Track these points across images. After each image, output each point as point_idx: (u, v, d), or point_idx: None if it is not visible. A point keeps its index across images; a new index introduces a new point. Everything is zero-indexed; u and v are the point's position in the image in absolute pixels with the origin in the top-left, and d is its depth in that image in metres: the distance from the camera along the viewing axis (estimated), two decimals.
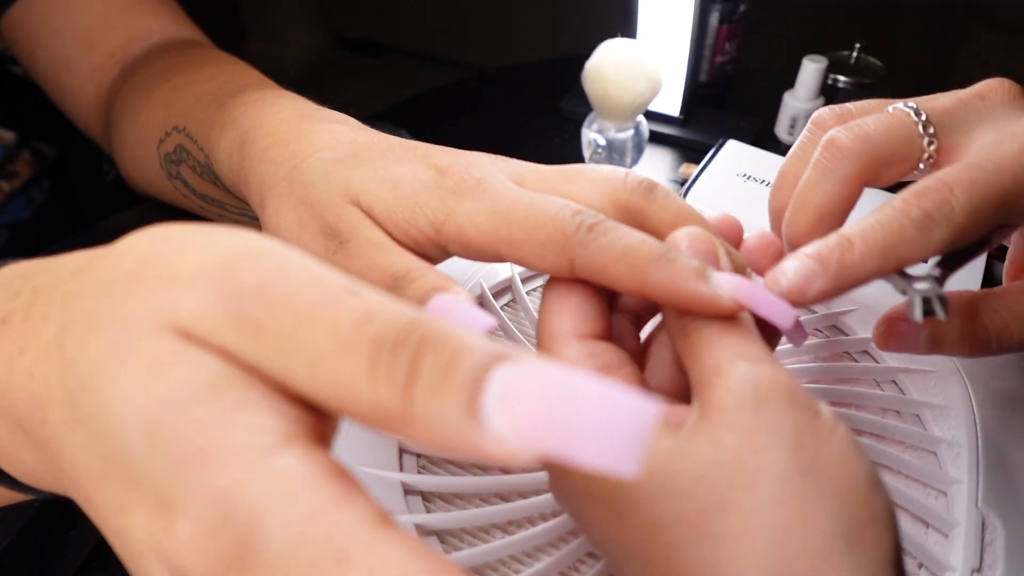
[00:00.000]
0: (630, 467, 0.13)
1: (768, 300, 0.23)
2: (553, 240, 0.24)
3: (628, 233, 0.23)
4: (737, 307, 0.22)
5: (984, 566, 0.29)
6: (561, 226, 0.24)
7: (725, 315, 0.23)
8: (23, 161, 0.63)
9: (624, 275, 0.23)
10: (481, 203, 0.26)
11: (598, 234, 0.23)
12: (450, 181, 0.27)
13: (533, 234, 0.24)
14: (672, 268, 0.22)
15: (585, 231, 0.24)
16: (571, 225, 0.24)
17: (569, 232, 0.24)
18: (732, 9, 0.64)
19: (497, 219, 0.25)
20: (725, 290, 0.22)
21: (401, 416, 0.14)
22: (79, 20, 0.52)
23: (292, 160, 0.30)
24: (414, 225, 0.27)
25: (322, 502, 0.13)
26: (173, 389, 0.14)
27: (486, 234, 0.25)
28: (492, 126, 0.67)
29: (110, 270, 0.16)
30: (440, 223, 0.26)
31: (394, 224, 0.27)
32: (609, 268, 0.23)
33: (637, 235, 0.23)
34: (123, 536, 0.15)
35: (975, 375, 0.36)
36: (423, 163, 0.28)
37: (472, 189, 0.26)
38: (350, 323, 0.15)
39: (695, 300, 0.22)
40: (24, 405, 0.17)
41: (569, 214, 0.24)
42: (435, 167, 0.28)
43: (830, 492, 0.20)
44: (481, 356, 0.14)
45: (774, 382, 0.21)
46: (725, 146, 0.54)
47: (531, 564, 0.30)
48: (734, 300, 0.22)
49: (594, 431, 0.13)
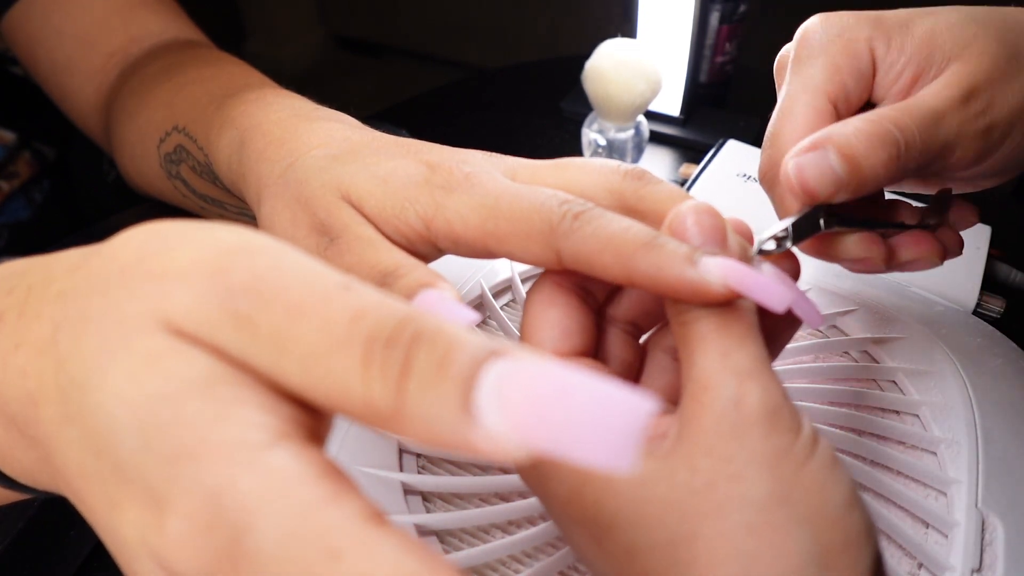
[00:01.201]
0: (624, 463, 0.13)
1: (762, 285, 0.21)
2: (539, 231, 0.23)
3: (614, 220, 0.23)
4: (728, 292, 0.21)
5: (984, 566, 0.29)
6: (547, 216, 0.23)
7: (716, 301, 0.22)
8: (23, 161, 0.63)
9: (611, 263, 0.22)
10: (469, 197, 0.26)
11: (583, 222, 0.23)
12: (439, 177, 0.27)
13: (520, 226, 0.24)
14: (659, 254, 0.22)
15: (571, 220, 0.23)
16: (557, 215, 0.23)
17: (555, 222, 0.23)
18: (732, 9, 0.64)
19: (485, 213, 0.25)
20: (715, 275, 0.21)
21: (394, 412, 0.14)
22: (79, 21, 0.52)
23: (288, 158, 0.30)
24: (404, 221, 0.27)
25: (315, 500, 0.13)
26: (165, 386, 0.14)
27: (474, 228, 0.25)
28: (492, 126, 0.67)
29: (104, 267, 0.16)
30: (429, 219, 0.26)
31: (384, 220, 0.27)
32: (595, 257, 0.22)
33: (624, 221, 0.23)
34: (116, 534, 0.15)
35: (975, 375, 0.36)
36: (415, 159, 0.28)
37: (461, 184, 0.26)
38: (343, 319, 0.14)
39: (684, 286, 0.21)
40: (18, 402, 0.17)
41: (556, 204, 0.24)
42: (426, 163, 0.27)
43: (805, 517, 0.19)
44: (475, 352, 0.14)
45: (759, 403, 0.21)
46: (725, 146, 0.54)
47: (531, 564, 0.29)
48: (724, 285, 0.21)
49: (588, 427, 0.13)
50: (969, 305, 0.44)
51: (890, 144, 0.27)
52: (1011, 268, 0.48)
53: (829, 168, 0.27)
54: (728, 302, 0.22)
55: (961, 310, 0.43)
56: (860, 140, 0.27)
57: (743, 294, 0.21)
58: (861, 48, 0.30)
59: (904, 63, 0.30)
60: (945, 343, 0.38)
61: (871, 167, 0.27)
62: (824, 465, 0.20)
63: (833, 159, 0.27)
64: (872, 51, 0.30)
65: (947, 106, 0.28)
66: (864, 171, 0.27)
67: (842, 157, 0.27)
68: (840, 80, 0.30)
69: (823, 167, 0.27)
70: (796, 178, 0.27)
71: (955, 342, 0.38)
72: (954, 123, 0.28)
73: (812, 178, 0.27)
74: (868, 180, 0.27)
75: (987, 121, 0.28)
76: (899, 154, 0.27)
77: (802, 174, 0.27)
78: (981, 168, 0.30)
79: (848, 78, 0.30)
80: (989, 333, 0.40)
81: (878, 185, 0.28)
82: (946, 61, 0.29)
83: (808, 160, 0.27)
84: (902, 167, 0.28)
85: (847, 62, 0.30)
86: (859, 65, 0.30)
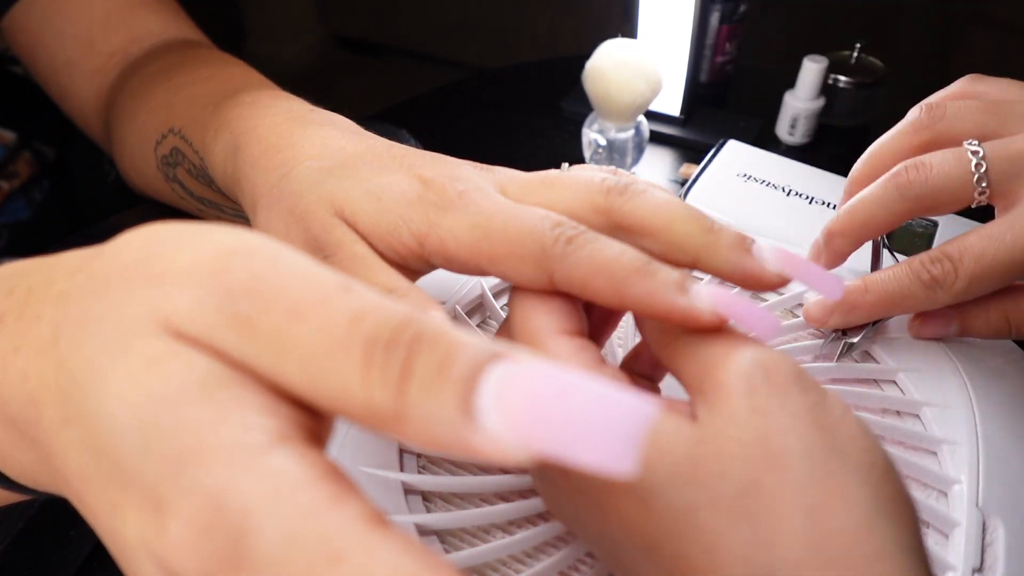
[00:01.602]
0: (626, 466, 0.13)
1: (751, 312, 0.22)
2: (532, 254, 0.23)
3: (607, 245, 0.23)
4: (717, 319, 0.22)
5: (984, 566, 0.29)
6: (540, 239, 0.23)
7: (706, 328, 0.22)
8: (23, 161, 0.63)
9: (603, 288, 0.22)
10: (463, 216, 0.25)
11: (576, 247, 0.23)
12: (433, 194, 0.26)
13: (512, 249, 0.24)
14: (651, 281, 0.22)
15: (564, 244, 0.23)
16: (549, 238, 0.23)
17: (547, 245, 0.23)
18: (732, 9, 0.64)
19: (478, 233, 0.25)
20: (705, 302, 0.22)
21: (394, 415, 0.14)
22: (79, 21, 0.52)
23: (282, 168, 0.30)
24: (397, 239, 0.26)
25: (315, 502, 0.13)
26: (165, 388, 0.14)
27: (467, 248, 0.25)
28: (492, 126, 0.67)
29: (104, 269, 0.16)
30: (423, 236, 0.26)
31: (378, 237, 0.27)
32: (589, 282, 0.23)
33: (616, 247, 0.23)
34: (116, 536, 0.15)
35: (975, 375, 0.36)
36: (408, 174, 0.28)
37: (454, 202, 0.26)
38: (343, 321, 0.14)
39: (674, 313, 0.22)
40: (18, 404, 0.17)
41: (548, 227, 0.24)
42: (420, 178, 0.27)
43: (858, 468, 0.20)
44: (475, 354, 0.14)
45: (786, 364, 0.21)
46: (725, 146, 0.54)
47: (531, 564, 0.29)
48: (714, 312, 0.22)
49: (590, 430, 0.13)
50: None
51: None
52: None
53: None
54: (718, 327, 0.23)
55: None
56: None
57: (732, 321, 0.22)
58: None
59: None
60: (945, 343, 0.38)
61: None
62: (857, 422, 0.21)
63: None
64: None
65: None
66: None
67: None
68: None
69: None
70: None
71: (955, 342, 0.38)
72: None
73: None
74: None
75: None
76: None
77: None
78: None
79: None
80: None
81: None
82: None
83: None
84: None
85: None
86: None
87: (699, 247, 0.24)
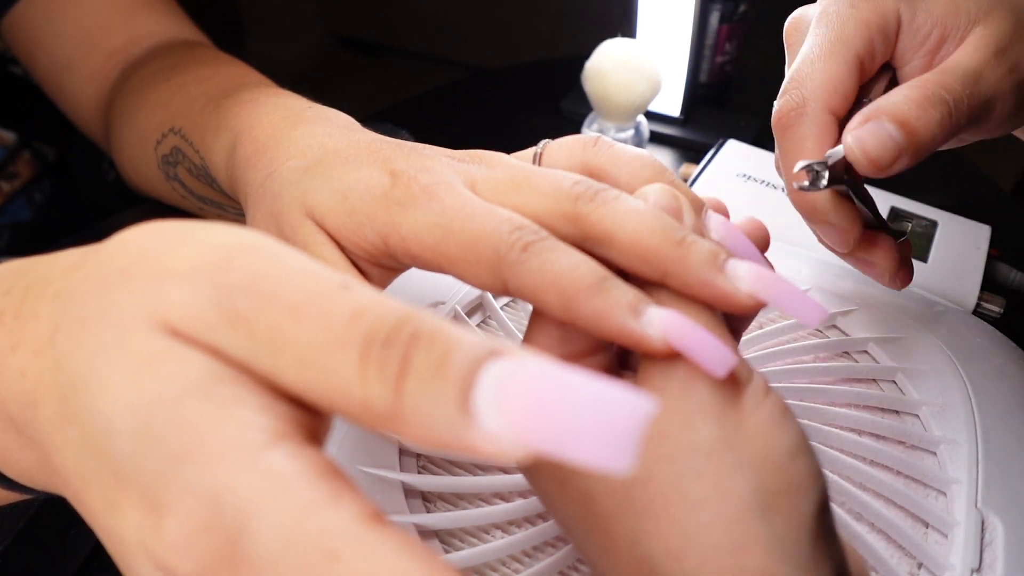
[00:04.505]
0: (623, 464, 0.13)
1: (703, 343, 0.21)
2: (487, 259, 0.22)
3: (563, 256, 0.22)
4: (667, 348, 0.21)
5: (984, 566, 0.29)
6: (496, 244, 0.22)
7: (655, 355, 0.21)
8: (23, 162, 0.63)
9: (553, 303, 0.21)
10: (424, 215, 0.24)
11: (531, 255, 0.22)
12: (398, 190, 0.26)
13: (469, 252, 0.23)
14: (602, 299, 0.21)
15: (519, 251, 0.22)
16: (506, 244, 0.22)
17: (503, 251, 0.22)
18: (732, 9, 0.64)
19: (438, 233, 0.24)
20: (655, 330, 0.21)
21: (392, 412, 0.14)
22: (79, 21, 0.52)
23: (268, 167, 0.30)
24: (363, 238, 0.26)
25: (313, 500, 0.13)
26: (163, 387, 0.14)
27: (428, 248, 0.24)
28: (492, 126, 0.67)
29: (101, 267, 0.16)
30: (386, 235, 0.25)
31: (344, 237, 0.26)
32: (539, 293, 0.22)
33: (573, 258, 0.22)
34: (114, 535, 0.15)
35: (974, 375, 0.36)
36: (380, 168, 0.27)
37: (418, 198, 0.25)
38: (341, 318, 0.14)
39: (624, 336, 0.21)
40: (16, 403, 0.17)
41: (507, 231, 0.22)
42: (391, 172, 0.26)
43: (749, 463, 0.20)
44: (474, 352, 0.14)
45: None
46: (725, 146, 0.54)
47: (531, 564, 0.29)
48: (664, 341, 0.21)
49: (587, 428, 0.13)
50: (969, 305, 0.43)
51: (941, 106, 0.29)
52: (1011, 268, 0.48)
53: (888, 136, 0.28)
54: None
55: (961, 310, 0.43)
56: (912, 106, 0.29)
57: (681, 351, 0.21)
58: (889, 10, 0.32)
59: (931, 26, 0.32)
60: (945, 343, 0.38)
61: (927, 130, 0.29)
62: (771, 414, 0.21)
63: (890, 128, 0.28)
64: (898, 13, 0.32)
65: (983, 65, 0.30)
66: (920, 135, 0.29)
67: (898, 125, 0.28)
68: (869, 37, 0.31)
69: (882, 137, 0.28)
70: (859, 150, 0.29)
71: (955, 342, 0.38)
72: (992, 80, 0.30)
73: (873, 148, 0.28)
74: (925, 143, 0.29)
75: (1019, 76, 0.31)
76: (950, 113, 0.29)
77: (864, 145, 0.29)
78: (1016, 120, 0.32)
79: (876, 37, 0.32)
80: (989, 333, 0.40)
81: (935, 147, 0.29)
82: (970, 24, 0.31)
83: (867, 131, 0.29)
84: (954, 127, 0.29)
85: (876, 21, 0.32)
86: (886, 26, 0.32)
87: (667, 262, 0.23)
